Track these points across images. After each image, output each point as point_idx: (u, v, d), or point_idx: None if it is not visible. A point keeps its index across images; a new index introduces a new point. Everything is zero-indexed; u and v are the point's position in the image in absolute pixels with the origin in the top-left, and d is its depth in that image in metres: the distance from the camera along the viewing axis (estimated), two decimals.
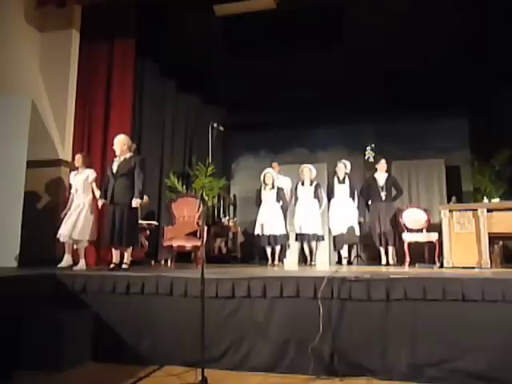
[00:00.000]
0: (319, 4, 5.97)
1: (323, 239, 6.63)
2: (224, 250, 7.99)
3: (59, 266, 4.72)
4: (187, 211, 6.03)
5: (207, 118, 7.69)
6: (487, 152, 7.56)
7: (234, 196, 9.48)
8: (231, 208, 9.15)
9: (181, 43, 6.95)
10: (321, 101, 8.28)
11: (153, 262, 6.33)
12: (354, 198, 6.50)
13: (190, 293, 3.59)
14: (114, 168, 4.83)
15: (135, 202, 4.68)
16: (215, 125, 3.43)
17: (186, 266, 5.72)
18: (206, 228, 6.08)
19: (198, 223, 5.75)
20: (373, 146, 8.64)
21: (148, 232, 6.37)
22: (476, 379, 3.04)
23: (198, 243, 5.60)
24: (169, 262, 6.11)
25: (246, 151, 9.89)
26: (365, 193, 6.58)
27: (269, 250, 6.40)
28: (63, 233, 4.79)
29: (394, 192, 6.54)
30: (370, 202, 6.52)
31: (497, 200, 5.43)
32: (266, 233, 6.31)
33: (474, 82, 7.64)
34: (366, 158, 8.56)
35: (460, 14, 6.01)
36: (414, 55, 6.98)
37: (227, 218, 8.43)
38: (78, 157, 5.18)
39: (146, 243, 6.29)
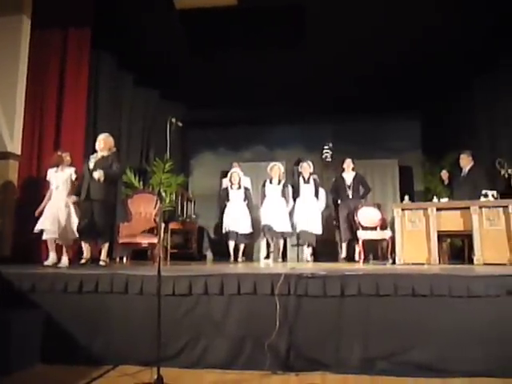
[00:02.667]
0: (280, 3, 6.00)
1: (291, 236, 6.76)
2: (182, 247, 7.91)
3: (45, 264, 4.56)
4: (144, 208, 5.93)
5: (166, 113, 7.49)
6: (438, 153, 7.91)
7: (193, 193, 9.39)
8: (189, 205, 9.05)
9: (139, 36, 6.78)
10: (280, 99, 8.35)
11: (107, 260, 6.16)
12: (317, 198, 6.66)
13: (145, 291, 3.53)
14: (91, 164, 4.78)
15: (99, 173, 4.63)
16: (174, 120, 3.35)
17: (142, 264, 5.62)
18: (163, 225, 6.00)
19: (155, 220, 5.66)
20: (330, 145, 8.80)
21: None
22: (424, 370, 3.16)
23: (155, 240, 5.52)
24: (124, 259, 5.99)
25: (205, 148, 9.83)
26: (334, 192, 6.80)
27: (232, 247, 6.43)
28: (48, 228, 4.65)
29: (361, 190, 6.75)
30: (339, 201, 6.72)
31: (446, 200, 5.68)
32: (234, 229, 6.41)
33: (426, 86, 7.96)
34: (324, 156, 8.71)
35: (416, 21, 6.23)
36: (370, 58, 7.17)
37: (185, 214, 8.35)
38: (65, 155, 5.04)
39: None
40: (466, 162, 6.11)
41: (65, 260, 4.77)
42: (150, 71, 7.77)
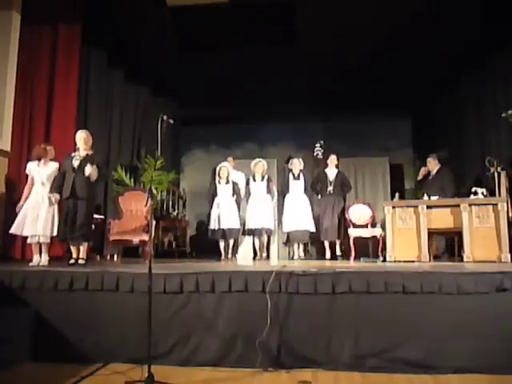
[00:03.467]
0: (270, 1, 5.99)
1: (273, 233, 6.77)
2: (173, 245, 7.89)
3: (30, 265, 4.45)
4: (135, 205, 5.89)
5: (157, 110, 7.54)
6: (428, 151, 7.94)
7: (184, 190, 9.37)
8: (181, 202, 9.03)
9: (130, 33, 6.74)
10: (271, 97, 8.35)
11: (98, 257, 6.14)
12: (307, 194, 6.67)
13: (137, 288, 3.51)
14: (76, 163, 4.65)
15: (90, 169, 4.58)
16: (165, 117, 3.34)
17: (133, 261, 5.60)
18: (154, 222, 5.98)
19: (146, 217, 5.64)
20: (321, 142, 8.83)
21: (93, 226, 6.16)
22: (415, 367, 3.19)
23: (146, 237, 5.49)
24: (115, 256, 5.95)
25: (196, 145, 9.80)
26: (314, 187, 6.76)
27: (222, 244, 6.40)
28: (32, 233, 4.56)
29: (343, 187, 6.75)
30: (319, 196, 6.71)
31: (436, 197, 5.73)
32: (221, 226, 6.29)
33: (417, 85, 8.01)
34: (315, 154, 8.74)
35: (406, 21, 6.26)
36: (361, 56, 7.19)
37: (176, 212, 8.33)
38: (50, 148, 4.89)
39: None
40: (433, 166, 6.25)
41: (44, 259, 4.65)
42: (140, 68, 7.72)
